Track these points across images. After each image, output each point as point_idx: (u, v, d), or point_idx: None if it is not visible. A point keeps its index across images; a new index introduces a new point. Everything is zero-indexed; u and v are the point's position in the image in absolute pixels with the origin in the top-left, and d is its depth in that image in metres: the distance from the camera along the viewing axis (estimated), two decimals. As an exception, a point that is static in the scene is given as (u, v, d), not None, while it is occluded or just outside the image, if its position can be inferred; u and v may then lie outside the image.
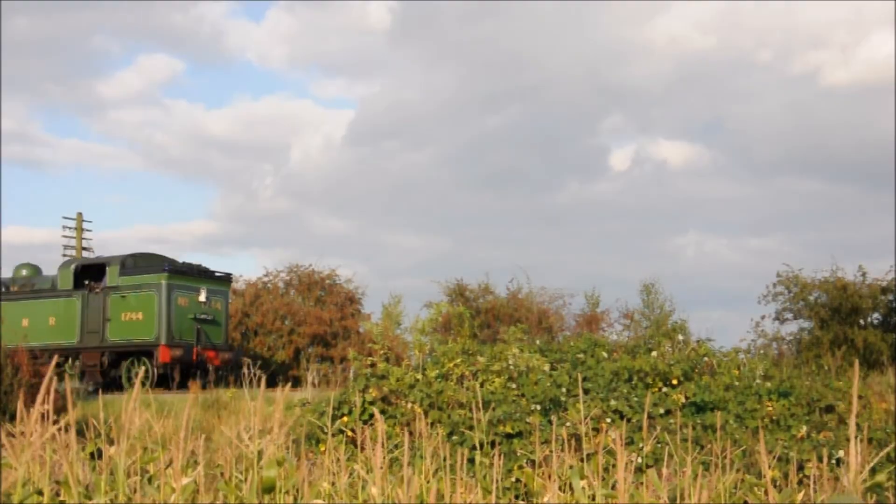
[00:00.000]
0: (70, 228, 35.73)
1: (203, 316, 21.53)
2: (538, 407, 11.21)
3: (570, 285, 49.47)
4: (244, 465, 4.58)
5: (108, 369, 21.03)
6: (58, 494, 4.10)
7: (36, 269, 24.18)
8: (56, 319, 21.92)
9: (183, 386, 18.90)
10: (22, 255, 70.29)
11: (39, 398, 3.49)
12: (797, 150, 58.91)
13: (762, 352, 20.59)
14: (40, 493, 3.86)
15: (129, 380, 20.49)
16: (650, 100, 61.69)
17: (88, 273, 22.31)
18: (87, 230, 36.28)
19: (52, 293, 22.36)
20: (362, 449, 6.07)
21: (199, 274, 22.15)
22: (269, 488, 4.29)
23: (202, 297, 21.59)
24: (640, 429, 9.37)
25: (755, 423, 10.91)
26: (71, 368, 21.08)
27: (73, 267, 22.44)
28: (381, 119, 63.19)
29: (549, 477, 5.18)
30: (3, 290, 23.18)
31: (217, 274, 22.67)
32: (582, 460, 6.66)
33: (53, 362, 3.77)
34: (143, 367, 20.35)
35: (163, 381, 20.10)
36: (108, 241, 57.41)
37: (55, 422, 3.73)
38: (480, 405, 6.91)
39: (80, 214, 36.06)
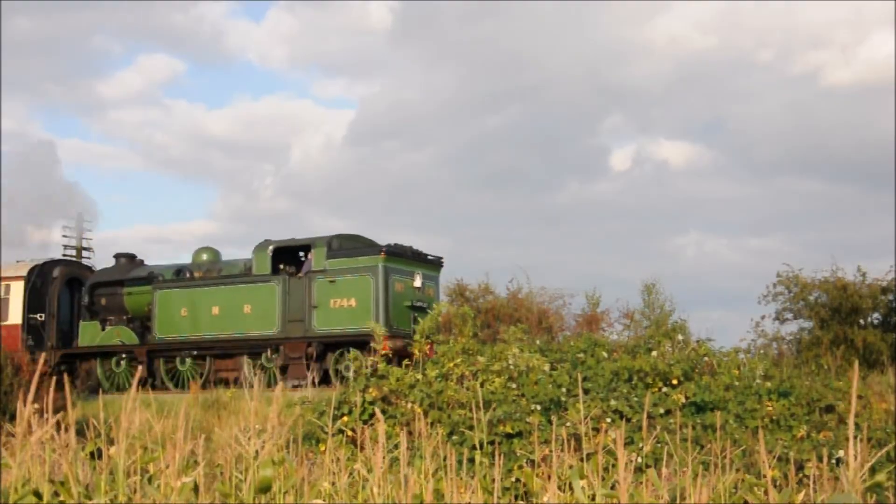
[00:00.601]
0: (70, 228, 35.75)
1: (419, 303, 19.31)
2: (538, 407, 11.20)
3: (570, 285, 49.39)
4: (244, 465, 4.58)
5: (313, 362, 18.95)
6: (57, 494, 4.10)
7: (216, 253, 22.52)
8: (252, 307, 19.85)
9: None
10: (22, 255, 70.05)
11: (30, 397, 3.49)
12: (797, 150, 58.97)
13: (762, 352, 20.58)
14: (38, 494, 3.85)
15: (336, 373, 18.71)
16: (650, 100, 61.77)
17: (285, 256, 20.25)
18: (87, 230, 36.32)
19: (246, 278, 20.31)
20: (362, 449, 6.07)
21: (414, 256, 20.00)
22: (265, 488, 4.29)
23: (417, 283, 19.50)
24: (640, 429, 9.36)
25: (755, 423, 10.90)
26: (269, 360, 19.66)
27: (269, 249, 20.17)
28: (382, 119, 63.27)
29: (549, 477, 5.18)
30: (188, 275, 21.43)
31: (429, 257, 20.56)
32: (582, 460, 6.65)
33: (41, 360, 3.75)
34: (356, 360, 18.23)
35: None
36: (108, 240, 57.45)
37: (57, 422, 3.73)
38: (480, 405, 6.91)
39: (80, 214, 36.07)
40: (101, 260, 37.03)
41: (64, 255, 33.72)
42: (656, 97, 61.06)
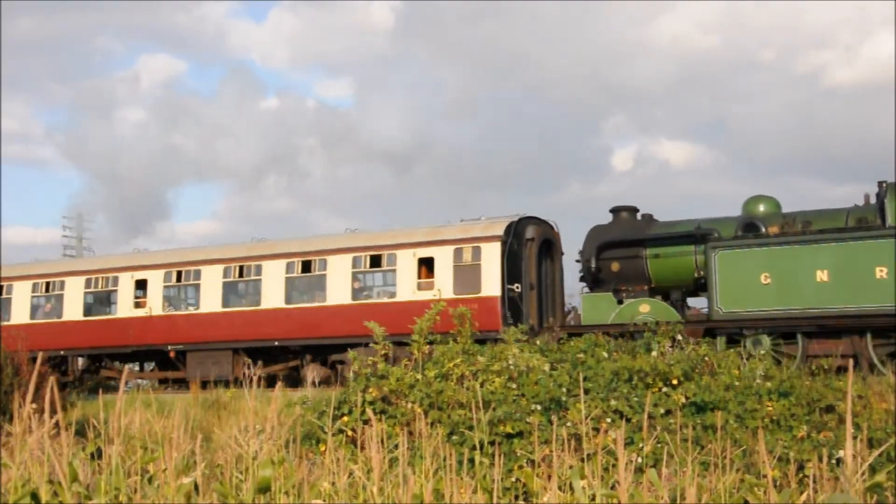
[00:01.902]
0: (71, 228, 35.72)
1: None
2: (538, 407, 11.19)
3: (570, 285, 49.41)
4: (244, 465, 4.58)
5: None
6: (57, 494, 4.09)
7: (776, 204, 19.10)
8: (892, 271, 15.72)
9: None
10: (23, 255, 70.37)
11: (28, 397, 3.48)
12: (798, 150, 59.06)
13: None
14: (34, 495, 3.85)
15: None
16: (652, 100, 61.85)
17: None
18: (88, 230, 36.29)
19: (880, 232, 15.95)
20: (362, 449, 6.07)
21: None
22: (264, 488, 4.29)
23: None
24: (640, 429, 9.36)
25: (755, 423, 10.90)
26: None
27: None
28: (383, 119, 63.31)
29: (549, 477, 5.18)
30: (761, 231, 17.58)
31: None
32: (582, 460, 6.65)
33: (40, 360, 3.71)
34: None
35: None
36: (108, 240, 57.38)
37: (56, 423, 3.72)
38: (480, 405, 6.90)
39: (79, 214, 36.06)
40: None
41: (65, 255, 33.51)
42: (658, 97, 61.23)
